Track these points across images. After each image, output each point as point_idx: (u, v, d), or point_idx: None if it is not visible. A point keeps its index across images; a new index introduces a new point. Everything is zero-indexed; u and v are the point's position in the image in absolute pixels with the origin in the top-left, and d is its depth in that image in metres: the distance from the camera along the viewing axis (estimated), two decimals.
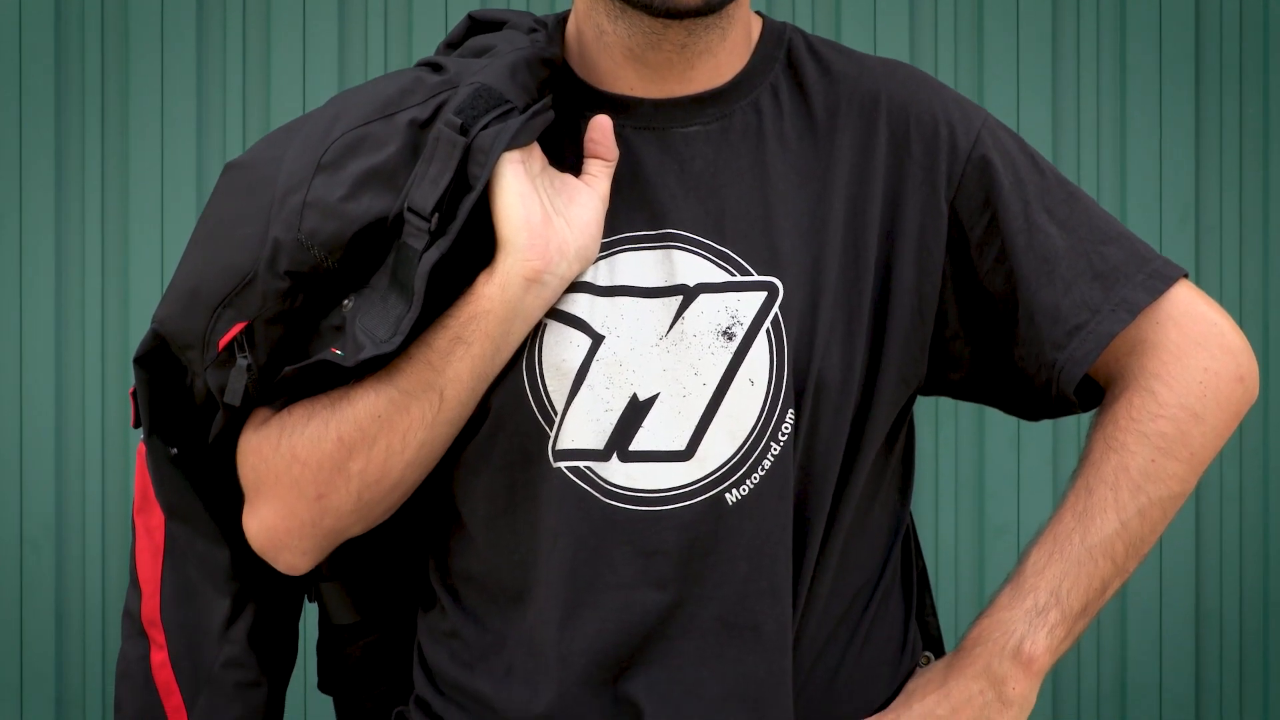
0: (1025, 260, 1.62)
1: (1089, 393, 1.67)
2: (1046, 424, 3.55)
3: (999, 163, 1.62)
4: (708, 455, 1.55)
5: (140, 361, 1.66)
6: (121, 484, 3.38)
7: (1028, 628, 1.60)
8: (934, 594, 3.63)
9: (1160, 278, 1.64)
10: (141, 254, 3.47)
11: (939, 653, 1.72)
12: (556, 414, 1.55)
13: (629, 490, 1.55)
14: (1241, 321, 3.73)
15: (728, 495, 1.55)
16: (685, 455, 1.55)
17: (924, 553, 3.73)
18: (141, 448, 1.71)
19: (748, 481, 1.55)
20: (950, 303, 1.63)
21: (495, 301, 1.53)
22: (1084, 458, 1.64)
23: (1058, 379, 1.63)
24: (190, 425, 1.68)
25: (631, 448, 1.55)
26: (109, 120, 3.44)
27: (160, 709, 1.72)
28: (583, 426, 1.54)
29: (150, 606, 1.72)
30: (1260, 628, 3.67)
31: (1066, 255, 1.63)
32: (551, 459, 1.55)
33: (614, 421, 1.55)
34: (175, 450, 1.69)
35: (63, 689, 3.63)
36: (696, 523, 1.55)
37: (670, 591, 1.55)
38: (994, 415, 3.35)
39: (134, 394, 1.69)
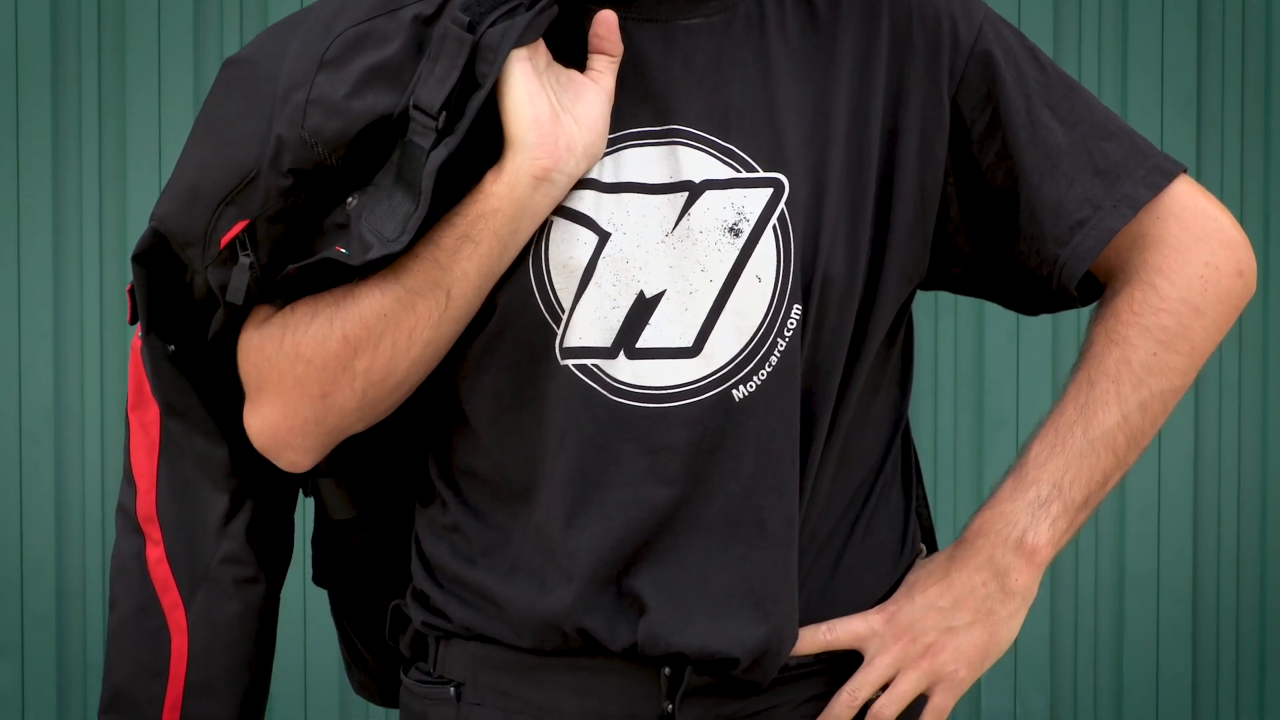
0: (1027, 155, 1.65)
1: (1088, 287, 1.71)
2: (1046, 318, 3.54)
3: (1001, 57, 1.65)
4: (715, 352, 1.57)
5: (138, 259, 1.68)
6: (120, 376, 3.39)
7: (1030, 519, 1.63)
8: (934, 487, 3.63)
9: (1161, 173, 1.68)
10: (139, 162, 3.45)
11: (931, 545, 1.72)
12: (563, 311, 1.57)
13: (636, 387, 1.57)
14: (1242, 218, 3.72)
15: (735, 392, 1.57)
16: (692, 352, 1.57)
17: (924, 446, 3.74)
18: (135, 344, 1.72)
19: (755, 378, 1.58)
20: (952, 197, 1.66)
21: (504, 200, 1.54)
22: (1085, 351, 1.69)
23: (1059, 274, 1.66)
24: (188, 323, 1.70)
25: (638, 345, 1.58)
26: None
27: (157, 605, 1.73)
28: (590, 324, 1.57)
29: (146, 503, 1.72)
30: (1258, 520, 3.67)
31: (1068, 151, 1.66)
32: (559, 356, 1.58)
33: (621, 319, 1.57)
34: (173, 348, 1.70)
35: (63, 580, 3.64)
36: (704, 419, 1.58)
37: (677, 488, 1.58)
38: (994, 309, 3.35)
39: (131, 291, 1.71)
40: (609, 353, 1.57)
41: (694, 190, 1.58)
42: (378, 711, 3.62)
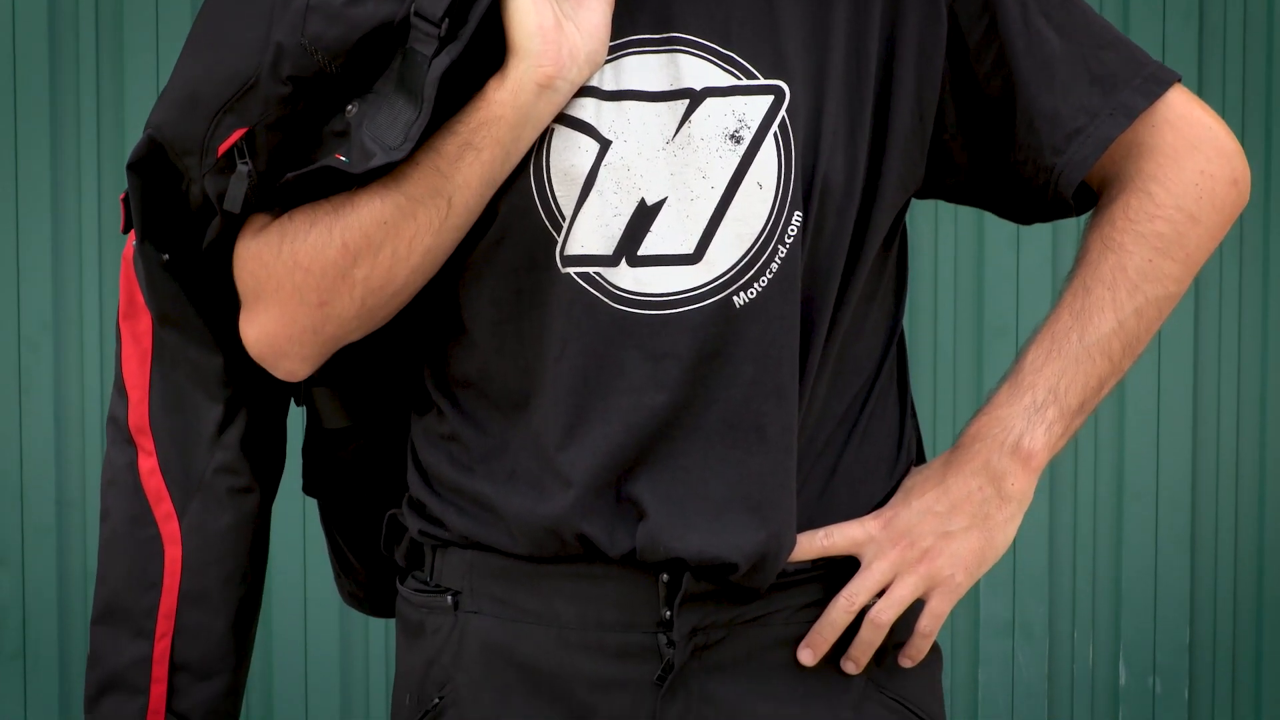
0: (1024, 64, 1.66)
1: (1084, 195, 1.72)
2: (1045, 226, 3.53)
3: None
4: (716, 258, 1.58)
5: (133, 167, 1.68)
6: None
7: (1026, 424, 1.64)
8: (933, 396, 3.63)
9: (1156, 82, 1.69)
10: (137, 73, 3.44)
11: (921, 456, 1.72)
12: (564, 219, 1.58)
13: (638, 295, 1.58)
14: (1244, 133, 3.70)
15: (735, 298, 1.58)
16: (693, 259, 1.57)
17: (924, 355, 3.74)
18: (127, 253, 1.72)
19: (755, 284, 1.58)
20: (949, 106, 1.67)
21: (507, 108, 1.54)
22: (1080, 258, 1.70)
23: (1055, 183, 1.67)
24: (183, 231, 1.70)
25: (640, 252, 1.58)
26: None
27: (150, 516, 1.73)
28: (591, 232, 1.57)
29: (138, 413, 1.72)
30: (1257, 428, 3.67)
31: (1064, 60, 1.67)
32: (560, 264, 1.58)
33: (622, 226, 1.58)
34: (167, 256, 1.68)
35: (62, 489, 3.64)
36: (705, 325, 1.58)
37: (677, 394, 1.59)
38: (993, 218, 3.32)
39: (125, 199, 1.71)
40: (610, 260, 1.57)
41: (695, 98, 1.58)
42: (378, 709, 3.63)
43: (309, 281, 1.60)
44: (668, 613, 1.60)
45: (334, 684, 3.63)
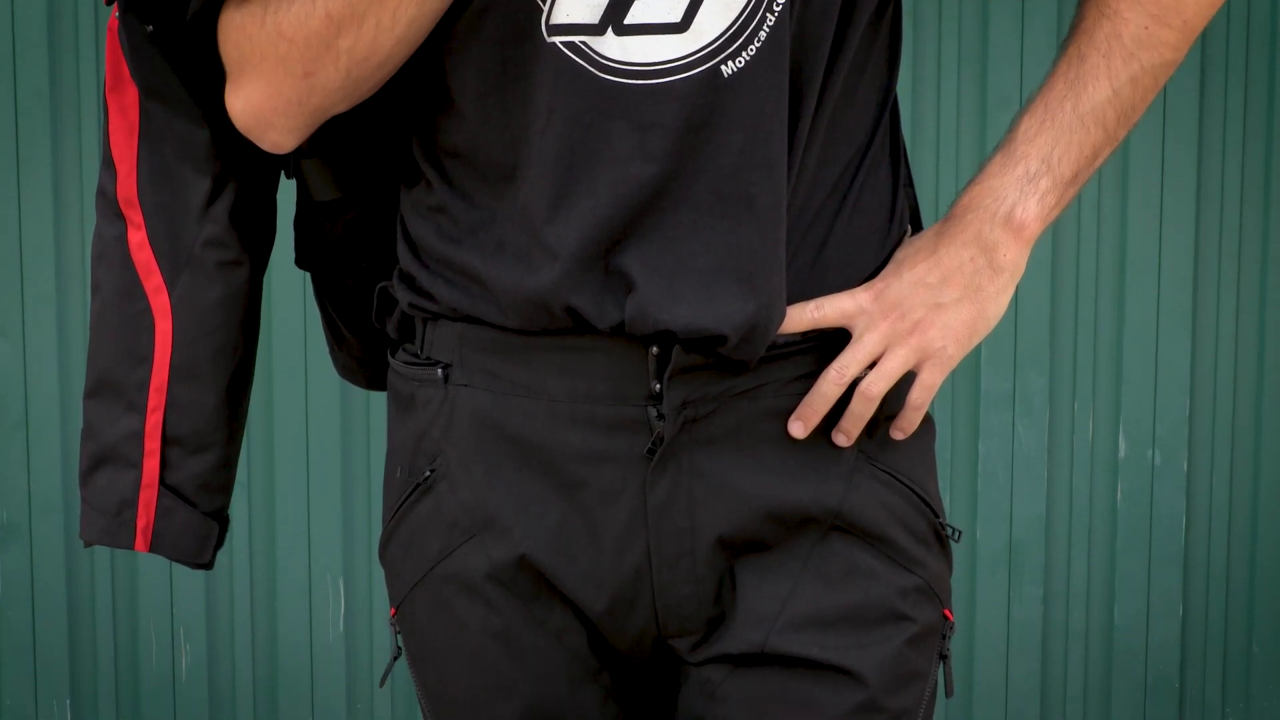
0: None
1: None
2: (1050, 1, 3.48)
3: None
4: (703, 27, 1.55)
5: None
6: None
7: (1019, 194, 1.63)
8: (935, 168, 3.61)
9: None
10: None
11: (917, 226, 1.71)
12: None
13: (624, 64, 1.55)
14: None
15: (723, 67, 1.55)
16: (681, 27, 1.55)
17: (926, 127, 3.71)
18: (113, 24, 1.70)
19: (744, 53, 1.55)
20: None
21: None
22: (1075, 25, 1.69)
23: None
24: (167, 2, 1.67)
25: (626, 21, 1.55)
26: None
27: (140, 289, 1.73)
28: (576, 0, 1.53)
29: (127, 186, 1.71)
30: (1260, 195, 3.66)
31: None
32: (545, 34, 1.56)
33: None
34: (151, 28, 1.66)
35: (61, 260, 3.64)
36: (693, 95, 1.56)
37: (665, 165, 1.57)
38: None
39: None
40: (596, 29, 1.55)
41: None
42: (380, 481, 3.65)
43: (293, 53, 1.58)
44: (657, 385, 1.60)
45: (334, 451, 3.66)
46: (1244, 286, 3.67)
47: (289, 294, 3.54)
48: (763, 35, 1.55)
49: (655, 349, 1.60)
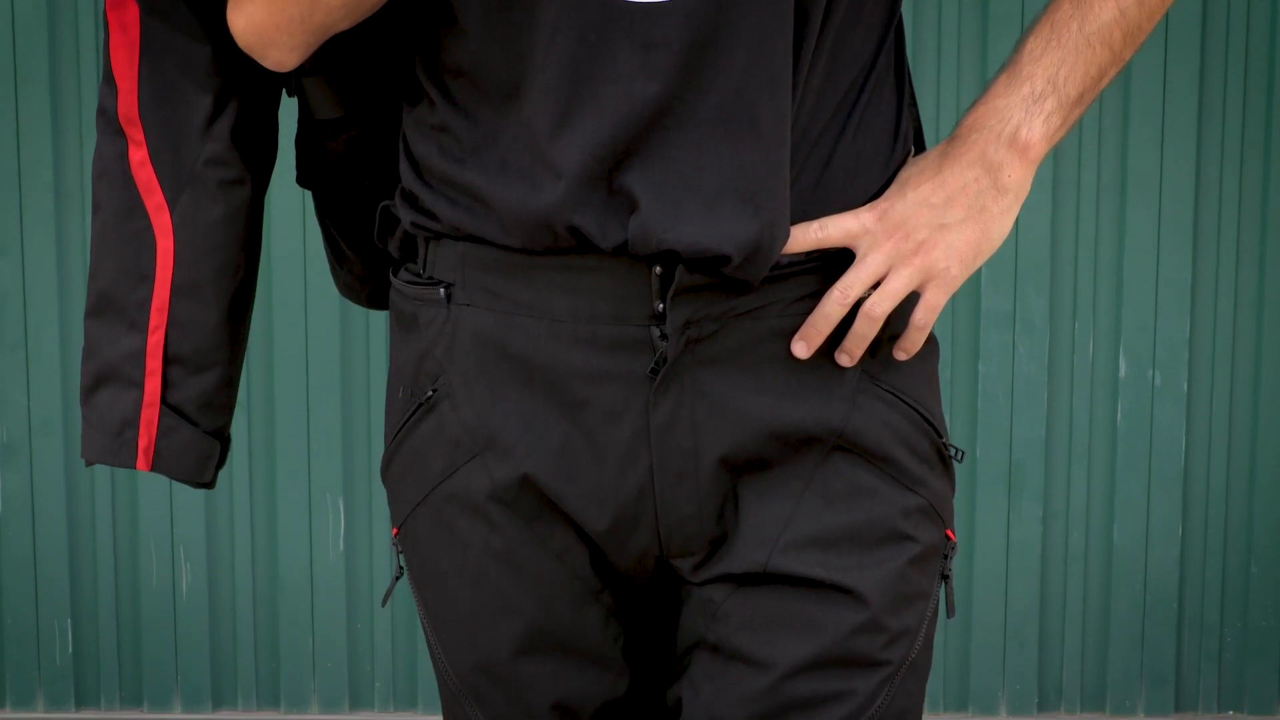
0: None
1: None
2: None
3: None
4: None
5: None
6: None
7: (1024, 115, 1.62)
8: (937, 89, 3.59)
9: None
10: None
11: (921, 146, 1.70)
12: None
13: None
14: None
15: None
16: None
17: (928, 47, 3.69)
18: None
19: None
20: None
21: None
22: None
23: None
24: None
25: None
26: None
27: (141, 208, 1.73)
28: None
29: (128, 104, 1.71)
30: (1263, 109, 3.64)
31: None
32: None
33: None
34: None
35: (60, 181, 3.62)
36: (697, 13, 1.55)
37: (669, 84, 1.56)
38: None
39: None
40: None
41: None
42: (378, 399, 3.65)
43: None
44: (660, 305, 1.60)
45: (334, 370, 3.66)
46: (1245, 205, 3.67)
47: (288, 213, 3.53)
48: None
49: (658, 269, 1.59)
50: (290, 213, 3.53)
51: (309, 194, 1.89)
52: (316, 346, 3.66)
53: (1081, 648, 3.78)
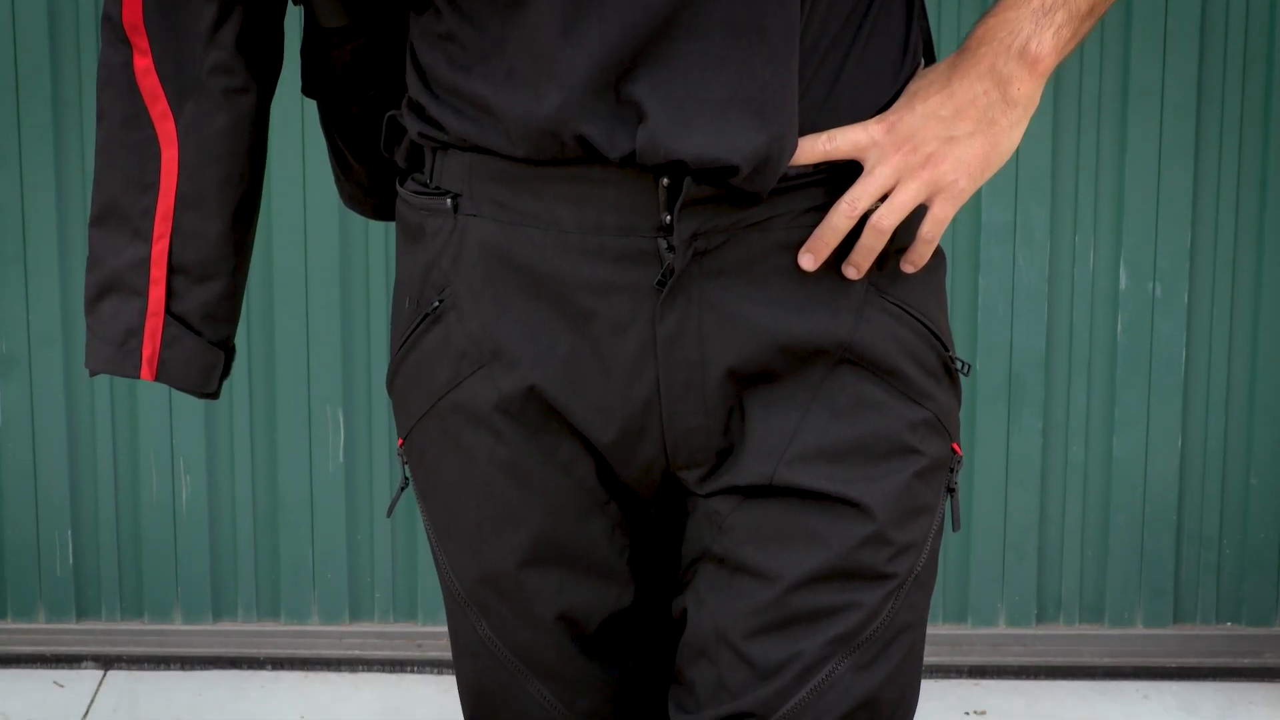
0: None
1: None
2: None
3: None
4: None
5: None
6: None
7: (1034, 28, 1.61)
8: (944, 8, 3.54)
9: None
10: None
11: (930, 59, 1.70)
12: None
13: None
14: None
15: None
16: None
17: None
18: None
19: None
20: None
21: None
22: None
23: None
24: None
25: None
26: None
27: (145, 116, 1.72)
28: None
29: (132, 10, 1.70)
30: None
31: None
32: None
33: None
34: None
35: (58, 90, 3.60)
36: None
37: None
38: None
39: None
40: None
41: None
42: (378, 308, 3.64)
43: None
44: (668, 217, 1.60)
45: (333, 282, 3.65)
46: (1247, 116, 3.65)
47: (287, 125, 3.51)
48: None
49: (666, 180, 1.59)
50: (289, 124, 3.51)
51: (309, 104, 1.88)
52: (315, 259, 3.65)
53: (1080, 560, 3.79)
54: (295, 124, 3.52)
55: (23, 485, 3.73)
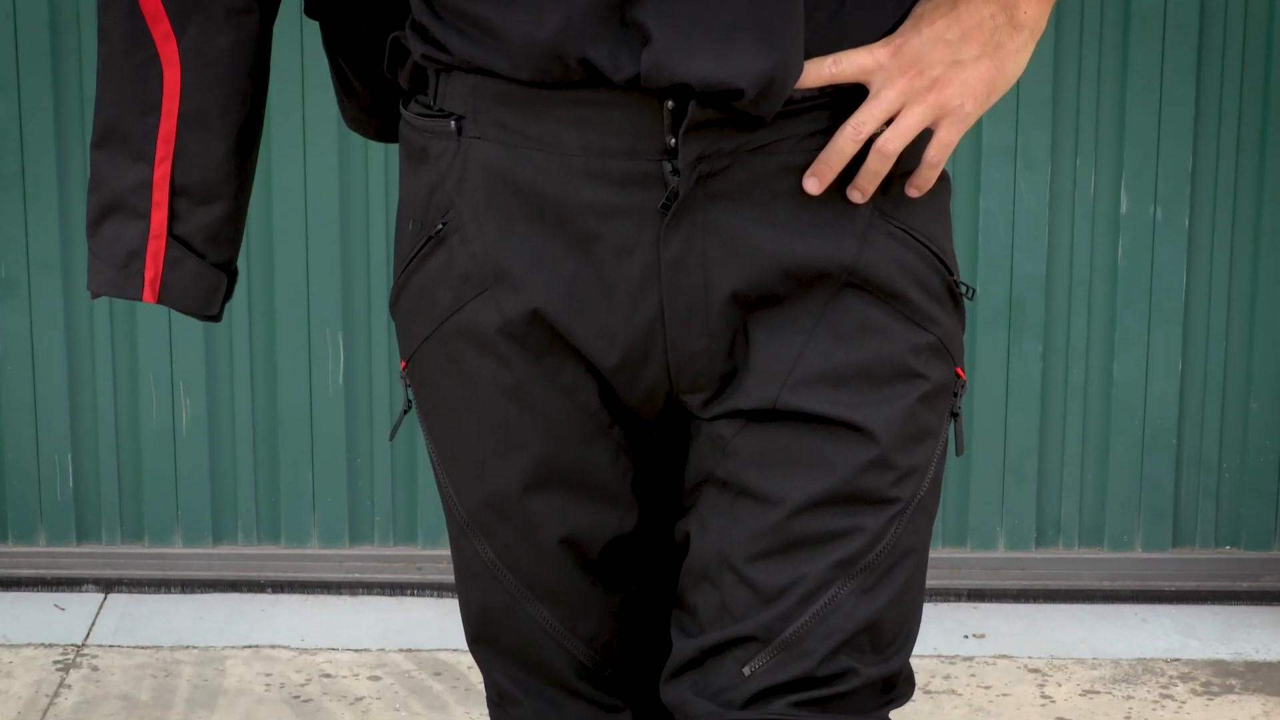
0: None
1: None
2: None
3: None
4: None
5: None
6: None
7: None
8: None
9: None
10: None
11: None
12: None
13: None
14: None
15: None
16: None
17: None
18: None
19: None
20: None
21: None
22: None
23: None
24: None
25: None
26: None
27: (147, 37, 1.71)
28: None
29: None
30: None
31: None
32: None
33: None
34: None
35: (55, 7, 3.59)
36: None
37: None
38: None
39: None
40: None
41: None
42: (378, 234, 3.63)
43: None
44: (672, 140, 1.59)
45: (332, 205, 3.65)
46: (1250, 39, 3.64)
47: (287, 45, 3.50)
48: None
49: (670, 103, 1.58)
50: (288, 45, 3.50)
51: (309, 25, 1.87)
52: (314, 182, 3.64)
53: (1080, 483, 3.80)
54: (294, 43, 3.50)
55: (23, 409, 3.73)
